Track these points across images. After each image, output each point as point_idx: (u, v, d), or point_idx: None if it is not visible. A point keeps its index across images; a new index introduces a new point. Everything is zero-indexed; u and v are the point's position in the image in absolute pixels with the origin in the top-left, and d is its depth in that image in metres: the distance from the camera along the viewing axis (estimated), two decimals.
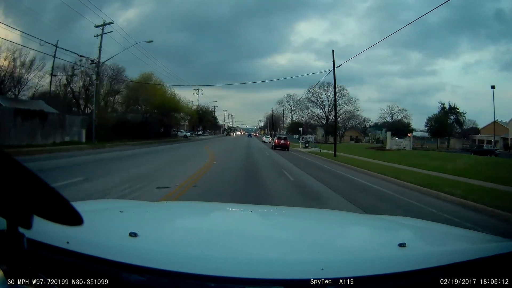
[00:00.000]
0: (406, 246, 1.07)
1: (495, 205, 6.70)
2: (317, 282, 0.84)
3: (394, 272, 0.92)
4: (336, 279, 0.86)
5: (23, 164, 0.58)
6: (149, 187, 6.77)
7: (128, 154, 15.17)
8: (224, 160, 14.82)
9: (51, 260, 0.91)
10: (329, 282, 0.85)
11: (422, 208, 6.95)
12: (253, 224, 1.68)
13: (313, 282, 0.84)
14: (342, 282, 0.85)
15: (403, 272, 0.93)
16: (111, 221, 1.40)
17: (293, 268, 0.93)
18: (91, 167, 9.84)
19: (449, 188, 8.66)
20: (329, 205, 6.46)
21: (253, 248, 1.13)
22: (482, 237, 1.58)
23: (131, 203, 1.98)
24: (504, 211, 6.32)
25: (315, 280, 0.84)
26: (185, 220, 1.69)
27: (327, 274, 0.87)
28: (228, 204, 3.86)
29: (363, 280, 0.88)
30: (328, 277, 0.86)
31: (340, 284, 0.85)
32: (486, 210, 6.70)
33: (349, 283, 0.85)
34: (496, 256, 1.08)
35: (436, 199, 8.10)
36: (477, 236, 1.61)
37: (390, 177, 11.39)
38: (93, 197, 5.17)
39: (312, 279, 0.84)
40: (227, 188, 7.57)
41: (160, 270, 0.86)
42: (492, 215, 6.43)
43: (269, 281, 0.87)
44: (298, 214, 2.11)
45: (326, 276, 0.86)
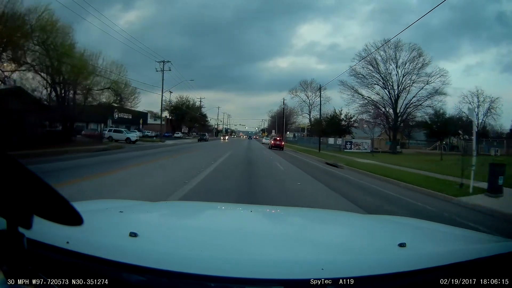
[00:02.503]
0: (406, 246, 1.07)
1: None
2: (317, 282, 0.84)
3: (394, 272, 0.92)
4: (336, 279, 0.86)
5: (23, 164, 0.58)
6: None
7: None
8: None
9: (51, 260, 0.91)
10: (329, 282, 0.85)
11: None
12: (253, 224, 1.68)
13: (313, 282, 0.84)
14: (342, 282, 0.85)
15: (403, 272, 0.93)
16: (111, 221, 1.40)
17: (293, 268, 0.93)
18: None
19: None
20: None
21: (253, 248, 1.13)
22: (482, 237, 1.58)
23: (131, 203, 1.98)
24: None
25: (315, 280, 0.84)
26: (185, 220, 1.69)
27: (327, 274, 0.87)
28: (228, 204, 3.86)
29: (363, 280, 0.88)
30: (328, 277, 0.86)
31: (340, 284, 0.85)
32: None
33: (349, 283, 0.85)
34: (496, 256, 1.08)
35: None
36: (477, 236, 1.61)
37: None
38: None
39: (312, 279, 0.84)
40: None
41: (160, 270, 0.86)
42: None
43: (269, 281, 0.87)
44: (298, 214, 2.10)
45: (326, 276, 0.86)
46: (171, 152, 18.50)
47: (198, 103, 69.52)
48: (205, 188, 7.11)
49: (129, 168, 10.37)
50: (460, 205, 7.43)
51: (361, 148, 31.90)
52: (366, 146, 32.15)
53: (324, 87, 38.37)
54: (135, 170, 10.17)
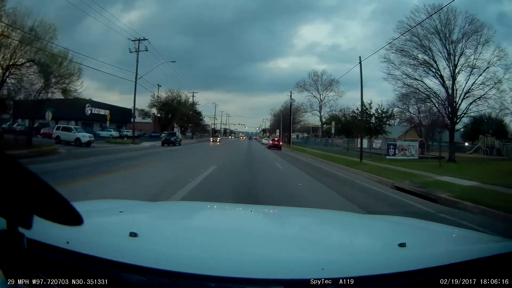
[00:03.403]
0: (406, 246, 1.07)
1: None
2: (317, 282, 0.84)
3: (394, 272, 0.92)
4: (336, 279, 0.86)
5: (23, 164, 0.58)
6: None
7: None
8: None
9: (51, 260, 0.91)
10: (329, 282, 0.85)
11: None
12: (253, 224, 1.68)
13: (313, 282, 0.84)
14: (342, 282, 0.85)
15: (403, 272, 0.93)
16: (111, 221, 1.40)
17: (293, 268, 0.93)
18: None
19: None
20: None
21: (253, 248, 1.13)
22: (482, 237, 1.58)
23: (131, 203, 1.98)
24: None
25: (315, 280, 0.84)
26: (185, 220, 1.69)
27: (327, 274, 0.87)
28: (228, 204, 3.86)
29: (363, 280, 0.88)
30: (328, 277, 0.86)
31: (340, 284, 0.85)
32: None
33: (349, 283, 0.85)
34: (496, 256, 1.08)
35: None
36: (477, 236, 1.61)
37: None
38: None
39: (312, 279, 0.84)
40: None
41: (160, 270, 0.86)
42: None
43: (269, 281, 0.87)
44: (298, 214, 2.10)
45: (326, 276, 0.86)
46: (104, 167, 11.07)
47: (192, 100, 59.02)
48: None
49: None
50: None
51: (408, 153, 21.99)
52: (414, 150, 22.40)
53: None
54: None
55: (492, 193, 7.97)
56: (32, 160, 11.69)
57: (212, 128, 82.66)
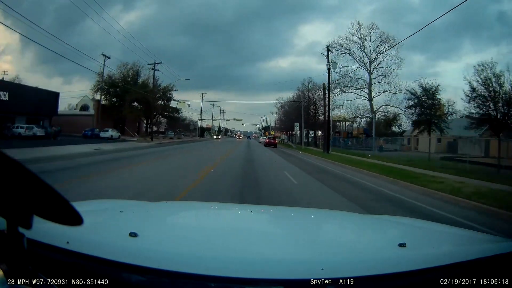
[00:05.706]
0: (406, 246, 1.07)
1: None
2: (317, 282, 0.84)
3: (394, 272, 0.92)
4: (336, 279, 0.85)
5: (23, 165, 0.58)
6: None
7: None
8: None
9: (51, 260, 0.91)
10: (329, 282, 0.85)
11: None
12: (253, 224, 1.68)
13: (313, 282, 0.84)
14: (342, 282, 0.85)
15: (403, 272, 0.93)
16: (111, 221, 1.40)
17: (293, 268, 0.93)
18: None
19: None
20: None
21: (253, 248, 1.13)
22: (482, 237, 1.58)
23: (131, 203, 1.98)
24: None
25: (315, 280, 0.84)
26: (185, 220, 1.69)
27: (327, 274, 0.87)
28: (228, 204, 3.86)
29: (363, 280, 0.88)
30: (328, 277, 0.86)
31: (340, 284, 0.85)
32: None
33: (349, 283, 0.85)
34: (496, 256, 1.08)
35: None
36: (477, 236, 1.61)
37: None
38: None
39: (312, 279, 0.84)
40: None
41: (160, 270, 0.86)
42: None
43: (269, 281, 0.87)
44: (298, 214, 2.10)
45: (326, 276, 0.86)
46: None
47: (170, 86, 39.37)
48: None
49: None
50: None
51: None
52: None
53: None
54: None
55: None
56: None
57: (193, 125, 65.51)
